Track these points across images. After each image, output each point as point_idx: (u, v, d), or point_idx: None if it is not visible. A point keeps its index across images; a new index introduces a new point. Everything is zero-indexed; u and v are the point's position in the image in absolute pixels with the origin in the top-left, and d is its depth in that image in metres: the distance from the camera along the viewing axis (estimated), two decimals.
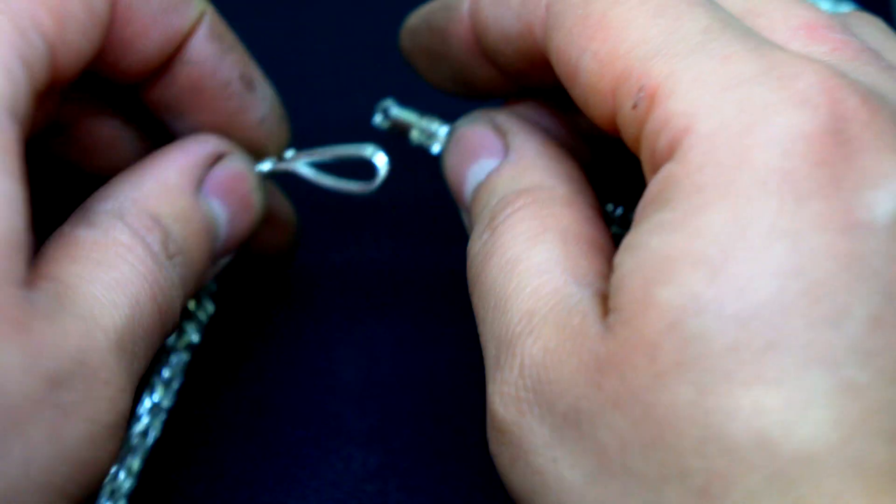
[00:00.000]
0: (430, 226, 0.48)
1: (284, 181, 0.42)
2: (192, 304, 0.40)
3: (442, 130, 0.41)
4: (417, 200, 0.49)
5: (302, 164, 0.40)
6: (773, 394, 0.26)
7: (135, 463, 0.37)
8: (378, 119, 0.43)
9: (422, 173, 0.45)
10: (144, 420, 0.38)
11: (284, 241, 0.43)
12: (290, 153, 0.41)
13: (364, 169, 0.40)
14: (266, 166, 0.40)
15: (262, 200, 0.39)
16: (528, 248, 0.33)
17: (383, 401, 0.43)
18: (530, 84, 0.38)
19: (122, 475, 0.37)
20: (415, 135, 0.42)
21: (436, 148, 0.42)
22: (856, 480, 0.26)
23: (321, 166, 0.41)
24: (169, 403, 0.39)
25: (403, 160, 0.42)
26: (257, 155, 0.40)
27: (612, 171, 0.40)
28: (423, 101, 0.43)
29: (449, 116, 0.41)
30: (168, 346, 0.39)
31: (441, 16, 0.39)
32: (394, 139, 0.42)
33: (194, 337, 0.40)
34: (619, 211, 0.40)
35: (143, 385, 0.39)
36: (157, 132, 0.40)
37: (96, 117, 0.39)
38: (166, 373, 0.39)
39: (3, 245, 0.28)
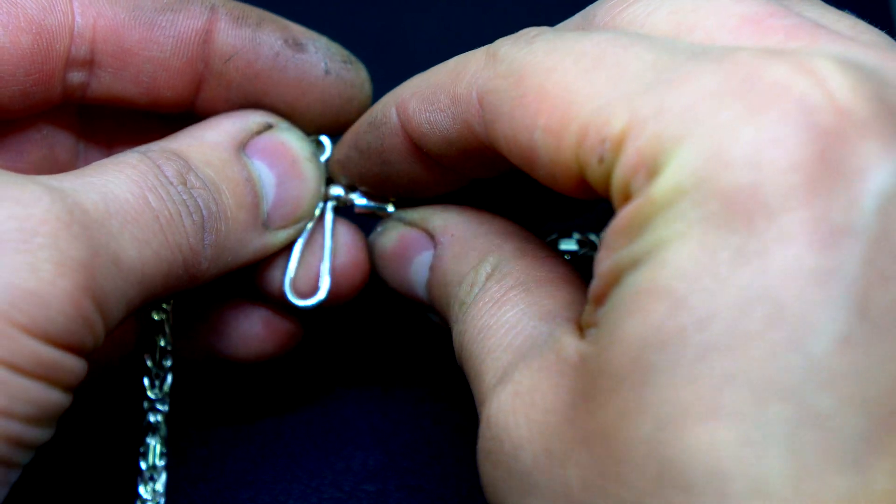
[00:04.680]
0: None
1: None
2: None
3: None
4: None
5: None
6: (729, 428, 0.24)
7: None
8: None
9: None
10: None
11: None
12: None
13: None
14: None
15: (315, 173, 0.38)
16: (494, 313, 0.33)
17: (383, 401, 0.43)
18: (485, 175, 0.36)
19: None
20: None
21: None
22: None
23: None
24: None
25: None
26: (342, 107, 0.39)
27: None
28: None
29: None
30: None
31: (370, 137, 0.36)
32: None
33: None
34: (554, 236, 0.40)
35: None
36: None
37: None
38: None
39: None
